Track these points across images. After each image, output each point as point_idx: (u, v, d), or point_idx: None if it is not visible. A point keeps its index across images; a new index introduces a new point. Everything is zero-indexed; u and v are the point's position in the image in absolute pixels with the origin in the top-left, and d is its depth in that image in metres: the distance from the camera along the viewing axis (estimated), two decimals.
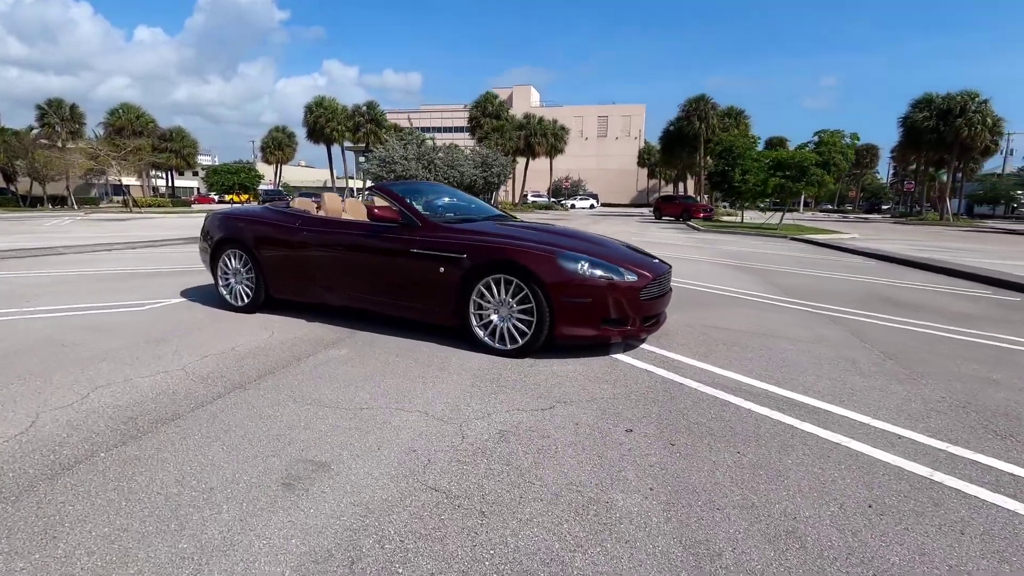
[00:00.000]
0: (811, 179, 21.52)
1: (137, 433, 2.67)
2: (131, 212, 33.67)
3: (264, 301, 5.21)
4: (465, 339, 4.26)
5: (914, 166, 49.25)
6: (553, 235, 4.55)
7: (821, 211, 67.79)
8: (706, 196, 41.55)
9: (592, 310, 3.84)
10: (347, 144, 49.40)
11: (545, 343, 3.90)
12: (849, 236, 18.61)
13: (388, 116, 52.37)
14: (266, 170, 61.28)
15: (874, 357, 4.25)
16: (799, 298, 6.87)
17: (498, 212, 5.72)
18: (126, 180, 41.50)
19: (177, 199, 53.49)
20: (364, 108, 49.80)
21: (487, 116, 46.18)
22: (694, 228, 24.82)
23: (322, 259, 4.81)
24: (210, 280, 5.90)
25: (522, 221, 5.35)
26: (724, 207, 41.44)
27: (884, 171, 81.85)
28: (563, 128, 51.10)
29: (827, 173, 21.78)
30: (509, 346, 3.99)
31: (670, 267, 4.60)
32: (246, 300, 5.26)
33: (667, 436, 2.76)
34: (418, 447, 2.58)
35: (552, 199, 58.27)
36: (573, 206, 57.87)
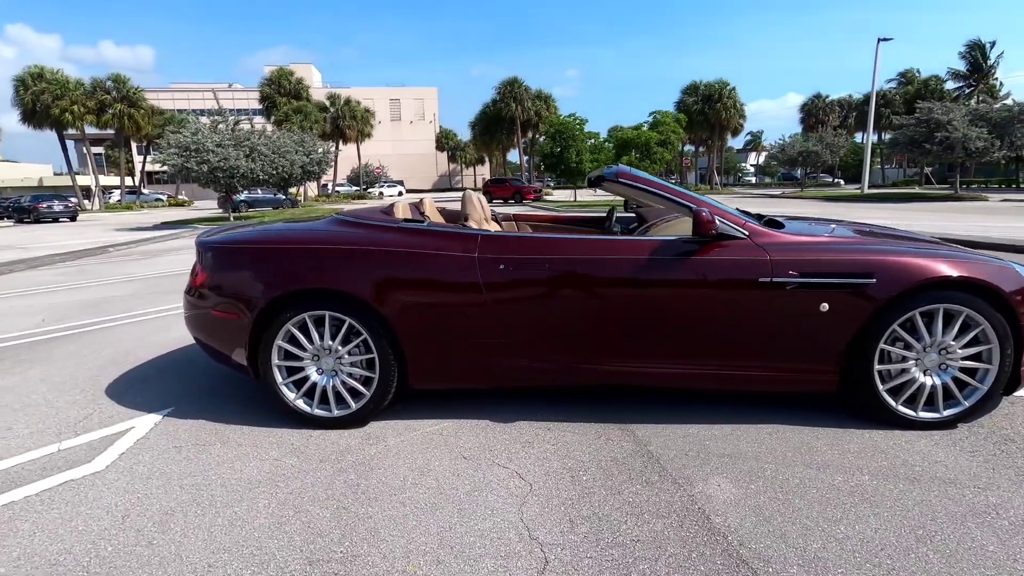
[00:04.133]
0: (654, 157, 23.14)
1: None
2: None
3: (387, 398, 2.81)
4: (839, 411, 2.71)
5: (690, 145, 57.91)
6: (893, 238, 3.17)
7: None
8: (531, 177, 42.70)
9: None
10: (91, 130, 38.26)
11: None
12: None
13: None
14: None
15: None
16: None
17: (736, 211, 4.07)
18: None
19: None
20: (109, 83, 38.98)
21: (284, 95, 40.12)
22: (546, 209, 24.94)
23: (557, 307, 2.67)
24: (196, 353, 3.10)
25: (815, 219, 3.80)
26: (550, 186, 43.05)
27: None
28: (368, 111, 47.42)
29: (666, 151, 23.66)
30: (944, 413, 2.59)
31: None
32: (353, 404, 2.78)
33: None
34: None
35: (363, 187, 53.91)
36: (382, 194, 54.68)
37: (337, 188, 54.26)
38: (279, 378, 2.80)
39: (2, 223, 28.69)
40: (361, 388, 2.78)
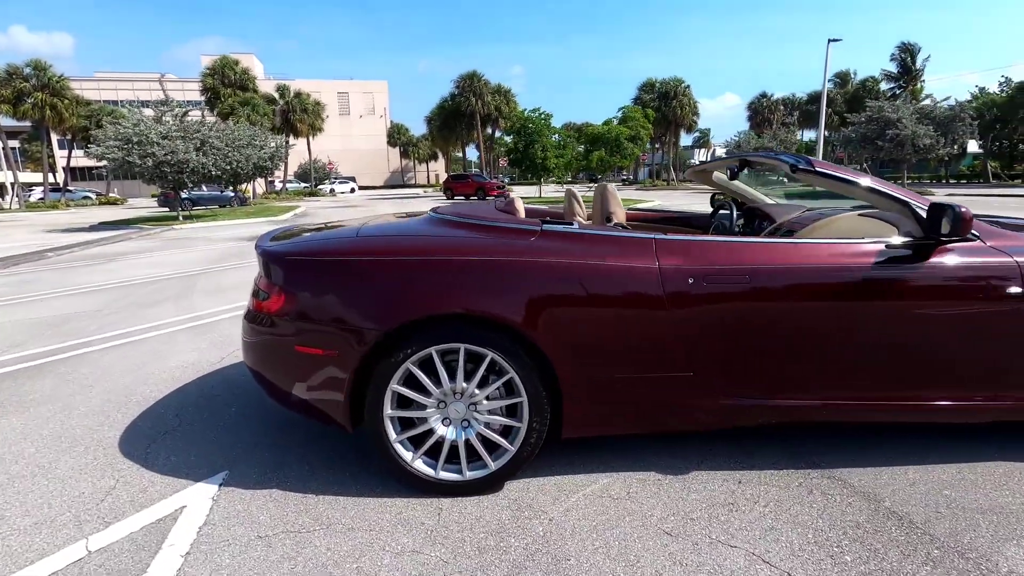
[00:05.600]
0: (625, 152, 23.00)
1: None
2: None
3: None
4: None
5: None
6: None
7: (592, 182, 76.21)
8: (491, 173, 41.97)
9: None
10: (7, 122, 34.58)
11: None
12: (660, 203, 20.43)
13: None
14: None
15: None
16: None
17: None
18: None
19: None
20: (27, 69, 35.34)
21: (228, 86, 37.61)
22: None
23: (762, 330, 2.10)
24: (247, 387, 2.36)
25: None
26: (506, 182, 42.45)
27: None
28: (319, 104, 45.32)
29: (636, 146, 23.57)
30: None
31: None
32: (491, 463, 2.12)
33: None
34: None
35: (313, 184, 51.52)
36: (333, 191, 52.64)
37: (287, 185, 51.70)
38: (392, 433, 2.10)
39: None
40: (501, 441, 2.13)
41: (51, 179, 43.96)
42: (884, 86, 47.15)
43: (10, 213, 31.36)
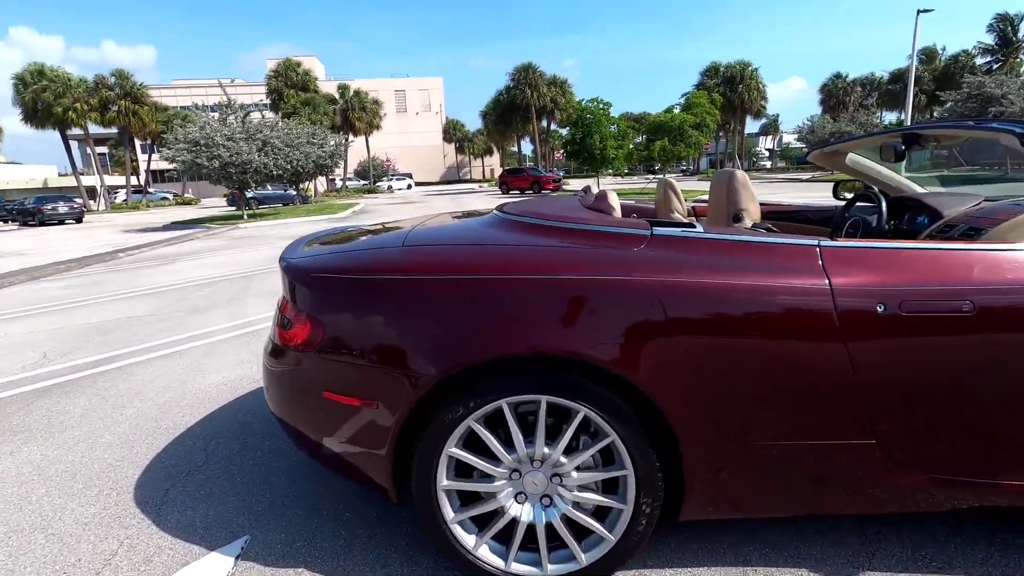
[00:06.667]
0: (689, 140, 21.72)
1: None
2: None
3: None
4: None
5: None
6: None
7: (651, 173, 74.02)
8: (547, 166, 41.27)
9: None
10: (95, 129, 37.08)
11: None
12: None
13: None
14: None
15: None
16: None
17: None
18: None
19: None
20: (112, 79, 37.71)
21: (291, 87, 38.73)
22: None
23: (985, 380, 1.42)
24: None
25: None
26: (562, 175, 41.59)
27: None
28: (377, 102, 46.03)
29: (701, 134, 22.23)
30: None
31: None
32: (582, 556, 1.54)
33: None
34: None
35: (371, 181, 52.54)
36: (391, 188, 53.47)
37: (346, 182, 52.99)
38: (449, 511, 1.57)
39: (6, 227, 27.64)
40: (595, 527, 1.55)
41: (133, 181, 47.00)
42: (980, 60, 42.78)
43: (97, 214, 33.62)
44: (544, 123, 45.29)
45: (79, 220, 26.61)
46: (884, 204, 2.46)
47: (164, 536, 1.95)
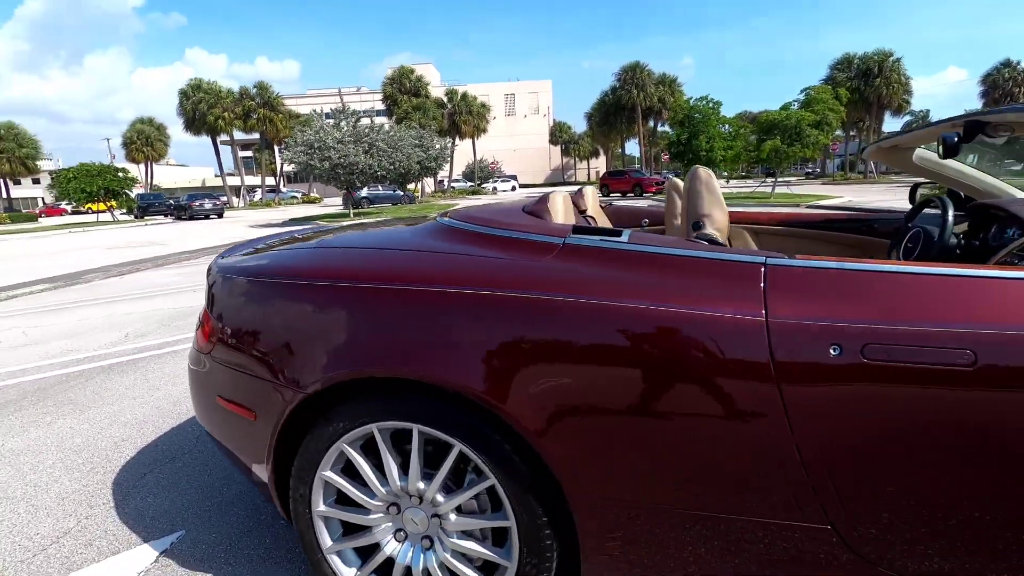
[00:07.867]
0: (806, 141, 19.75)
1: None
2: None
3: None
4: None
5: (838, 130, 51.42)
6: None
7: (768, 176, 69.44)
8: (651, 169, 39.87)
9: None
10: (238, 135, 41.90)
11: None
12: (871, 199, 16.96)
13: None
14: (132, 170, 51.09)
15: None
16: None
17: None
18: None
19: (16, 212, 43.02)
20: (254, 90, 42.40)
21: (404, 93, 41.02)
22: None
23: (982, 452, 1.02)
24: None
25: None
26: (669, 177, 39.94)
27: None
28: (484, 106, 47.27)
29: (821, 133, 20.13)
30: None
31: None
32: None
33: None
34: None
35: (477, 183, 54.12)
36: (495, 189, 54.60)
37: (452, 184, 55.04)
38: (327, 539, 1.43)
39: (164, 220, 32.03)
40: None
41: (270, 182, 52.43)
42: None
43: (236, 211, 37.90)
44: (651, 123, 43.74)
45: (220, 215, 30.11)
46: (951, 211, 1.94)
47: (115, 521, 2.02)
